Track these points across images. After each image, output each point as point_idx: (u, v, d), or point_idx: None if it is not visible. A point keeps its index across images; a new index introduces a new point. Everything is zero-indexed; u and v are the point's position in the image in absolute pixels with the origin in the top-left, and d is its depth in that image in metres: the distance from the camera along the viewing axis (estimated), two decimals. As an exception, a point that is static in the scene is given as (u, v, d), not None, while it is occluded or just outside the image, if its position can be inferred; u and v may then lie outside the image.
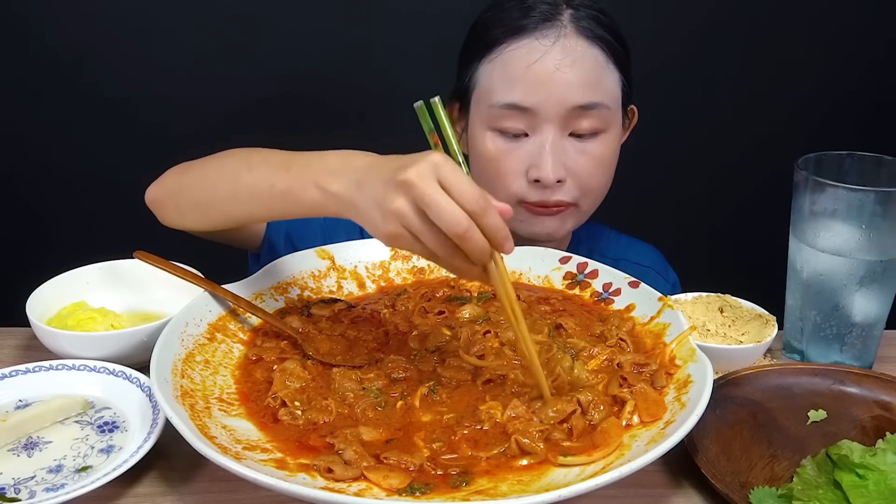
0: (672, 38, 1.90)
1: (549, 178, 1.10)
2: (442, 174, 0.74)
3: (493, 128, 1.13)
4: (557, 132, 1.11)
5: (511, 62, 1.11)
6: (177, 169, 1.08)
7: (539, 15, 1.11)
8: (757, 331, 1.04)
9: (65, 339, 0.97)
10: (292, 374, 0.88)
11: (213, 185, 0.99)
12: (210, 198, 1.00)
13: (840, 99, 2.02)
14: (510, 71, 1.11)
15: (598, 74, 1.12)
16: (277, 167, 0.90)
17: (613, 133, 1.16)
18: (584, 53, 1.10)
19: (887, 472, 0.78)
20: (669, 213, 2.05)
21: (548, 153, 1.10)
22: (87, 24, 1.81)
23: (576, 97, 1.09)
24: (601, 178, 1.17)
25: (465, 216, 0.73)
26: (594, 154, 1.14)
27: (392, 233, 0.77)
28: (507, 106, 1.11)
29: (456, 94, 1.22)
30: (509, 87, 1.11)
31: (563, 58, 1.09)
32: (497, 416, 0.82)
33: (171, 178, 1.07)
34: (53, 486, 0.79)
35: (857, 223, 0.99)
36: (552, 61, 1.09)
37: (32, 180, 1.93)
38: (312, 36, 1.86)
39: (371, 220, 0.79)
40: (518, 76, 1.10)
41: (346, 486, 0.73)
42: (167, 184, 1.07)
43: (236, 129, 1.86)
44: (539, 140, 1.11)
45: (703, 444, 0.84)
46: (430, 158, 0.75)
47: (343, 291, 1.10)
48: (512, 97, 1.10)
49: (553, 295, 1.09)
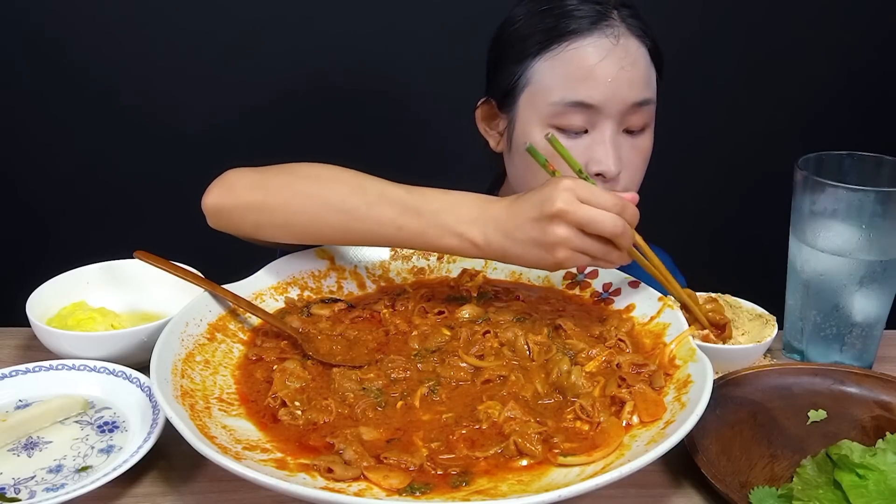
0: (672, 38, 1.90)
1: (612, 171, 1.12)
2: (580, 194, 0.88)
3: (552, 125, 1.14)
4: (615, 127, 1.13)
5: (575, 61, 1.12)
6: (247, 178, 1.01)
7: (593, 14, 1.13)
8: (757, 331, 1.04)
9: (65, 339, 0.97)
10: (292, 374, 0.88)
11: (316, 212, 0.97)
12: (308, 224, 0.98)
13: (840, 99, 2.02)
14: (574, 69, 1.12)
15: (649, 72, 1.15)
16: (403, 210, 0.94)
17: (652, 128, 1.20)
18: (638, 52, 1.13)
19: (887, 472, 0.78)
20: (669, 213, 2.04)
21: (609, 147, 1.12)
22: (87, 23, 1.81)
23: (635, 95, 1.12)
24: (643, 171, 1.20)
25: (620, 219, 0.88)
26: (641, 148, 1.17)
27: (562, 259, 0.90)
28: (572, 104, 1.12)
29: (492, 92, 1.22)
30: (573, 85, 1.12)
31: (625, 57, 1.11)
32: (494, 416, 0.82)
33: (244, 190, 1.00)
34: (53, 486, 0.79)
35: (857, 223, 0.99)
36: (617, 60, 1.11)
37: (32, 180, 1.93)
38: (320, 36, 1.86)
39: (533, 258, 0.91)
40: (584, 75, 1.11)
41: (346, 486, 0.73)
42: (239, 195, 1.00)
43: (238, 129, 1.87)
44: (598, 136, 1.13)
45: (703, 444, 0.84)
46: (564, 185, 0.88)
47: (343, 291, 1.10)
48: (577, 95, 1.11)
49: (553, 295, 1.09)
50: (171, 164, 1.89)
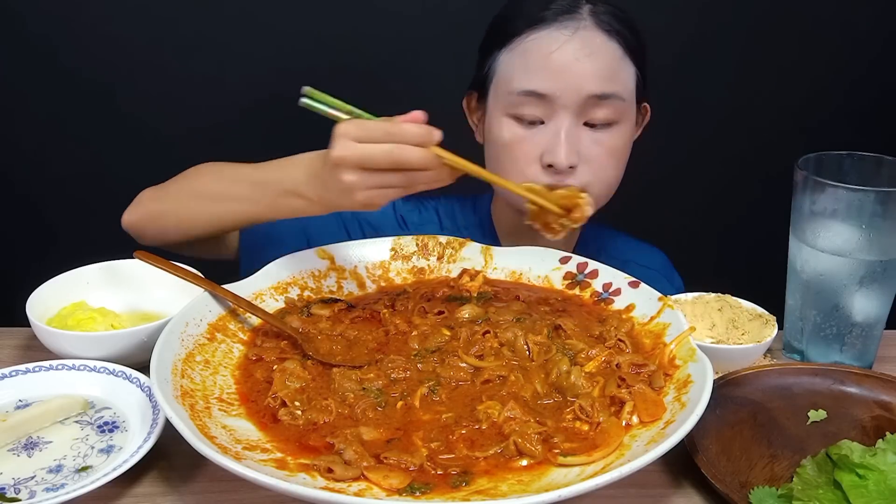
0: (672, 38, 1.90)
1: (563, 163, 1.12)
2: (353, 134, 0.90)
3: (510, 115, 1.15)
4: (573, 120, 1.13)
5: (530, 51, 1.13)
6: (150, 192, 1.18)
7: (559, 7, 1.14)
8: (757, 331, 1.04)
9: (65, 339, 0.97)
10: (292, 374, 0.88)
11: (194, 206, 1.12)
12: (193, 218, 1.12)
13: (839, 99, 2.02)
14: (529, 59, 1.13)
15: (614, 67, 1.14)
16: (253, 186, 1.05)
17: (626, 126, 1.17)
18: (602, 45, 1.13)
19: (887, 472, 0.78)
20: (669, 214, 2.05)
21: (562, 139, 1.12)
22: (87, 23, 1.81)
23: (592, 86, 1.11)
24: (613, 169, 1.18)
25: (389, 146, 0.89)
26: (607, 144, 1.15)
27: (364, 201, 0.93)
28: (525, 93, 1.13)
29: (474, 84, 1.24)
30: (528, 74, 1.13)
31: (582, 48, 1.11)
32: (494, 417, 0.82)
33: (148, 202, 1.17)
34: (53, 486, 0.79)
35: (857, 223, 0.99)
36: (571, 50, 1.11)
37: (33, 180, 1.93)
38: (307, 35, 1.86)
39: (349, 205, 0.94)
40: (537, 64, 1.12)
41: (346, 486, 0.73)
42: (145, 207, 1.17)
43: (236, 128, 1.87)
44: (554, 127, 1.13)
45: (703, 444, 0.84)
46: (337, 131, 0.91)
47: (343, 291, 1.10)
48: (530, 84, 1.12)
49: (553, 295, 1.09)
50: (171, 164, 1.88)
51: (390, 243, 1.15)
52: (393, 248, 1.15)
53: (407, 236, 1.16)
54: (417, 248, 1.16)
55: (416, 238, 1.16)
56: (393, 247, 1.15)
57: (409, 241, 1.16)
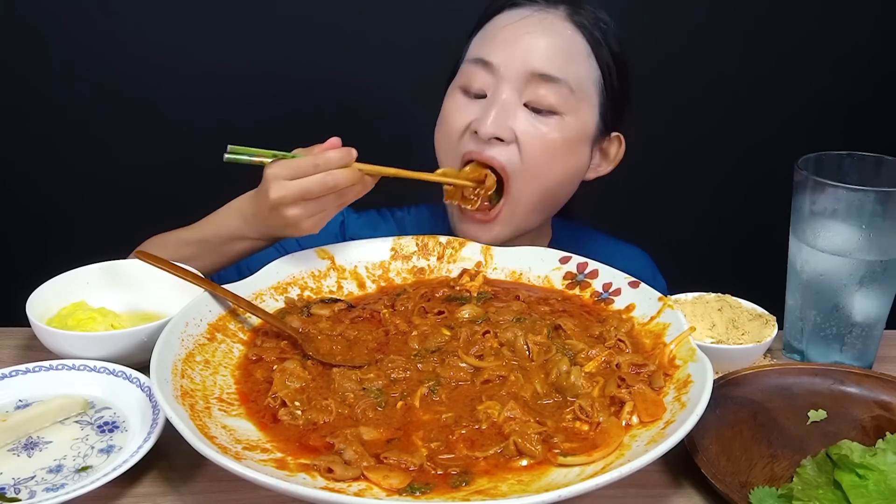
0: (672, 38, 1.90)
1: (487, 130, 1.11)
2: (284, 174, 0.98)
3: (459, 86, 1.18)
4: (513, 95, 1.13)
5: (490, 28, 1.17)
6: None
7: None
8: (757, 331, 1.04)
9: (65, 339, 0.97)
10: (292, 374, 0.88)
11: None
12: None
13: (840, 99, 2.02)
14: (487, 32, 1.17)
15: (570, 53, 1.14)
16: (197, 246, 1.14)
17: (571, 122, 1.14)
18: (562, 31, 1.14)
19: (887, 472, 0.78)
20: (670, 214, 2.05)
21: (496, 109, 1.12)
22: (87, 23, 1.81)
23: (536, 63, 1.12)
24: (543, 162, 1.13)
25: (320, 175, 0.97)
26: (543, 132, 1.12)
27: (310, 227, 1.02)
28: (473, 60, 1.16)
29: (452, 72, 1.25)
30: (481, 45, 1.17)
31: (536, 25, 1.13)
32: (494, 416, 0.82)
33: None
34: (53, 486, 0.79)
35: (857, 223, 0.99)
36: (525, 25, 1.14)
37: (32, 180, 1.93)
38: (310, 33, 1.86)
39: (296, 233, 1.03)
40: (490, 35, 1.16)
41: (346, 486, 0.73)
42: None
43: (236, 128, 1.87)
44: (491, 99, 1.14)
45: (703, 444, 0.84)
46: (266, 175, 1.00)
47: (343, 291, 1.10)
48: (479, 52, 1.16)
49: (553, 295, 1.09)
50: (171, 164, 1.89)
51: (390, 243, 1.15)
52: (393, 248, 1.15)
53: (407, 236, 1.16)
54: (417, 248, 1.16)
55: (416, 238, 1.16)
56: (393, 247, 1.15)
57: (409, 241, 1.16)
